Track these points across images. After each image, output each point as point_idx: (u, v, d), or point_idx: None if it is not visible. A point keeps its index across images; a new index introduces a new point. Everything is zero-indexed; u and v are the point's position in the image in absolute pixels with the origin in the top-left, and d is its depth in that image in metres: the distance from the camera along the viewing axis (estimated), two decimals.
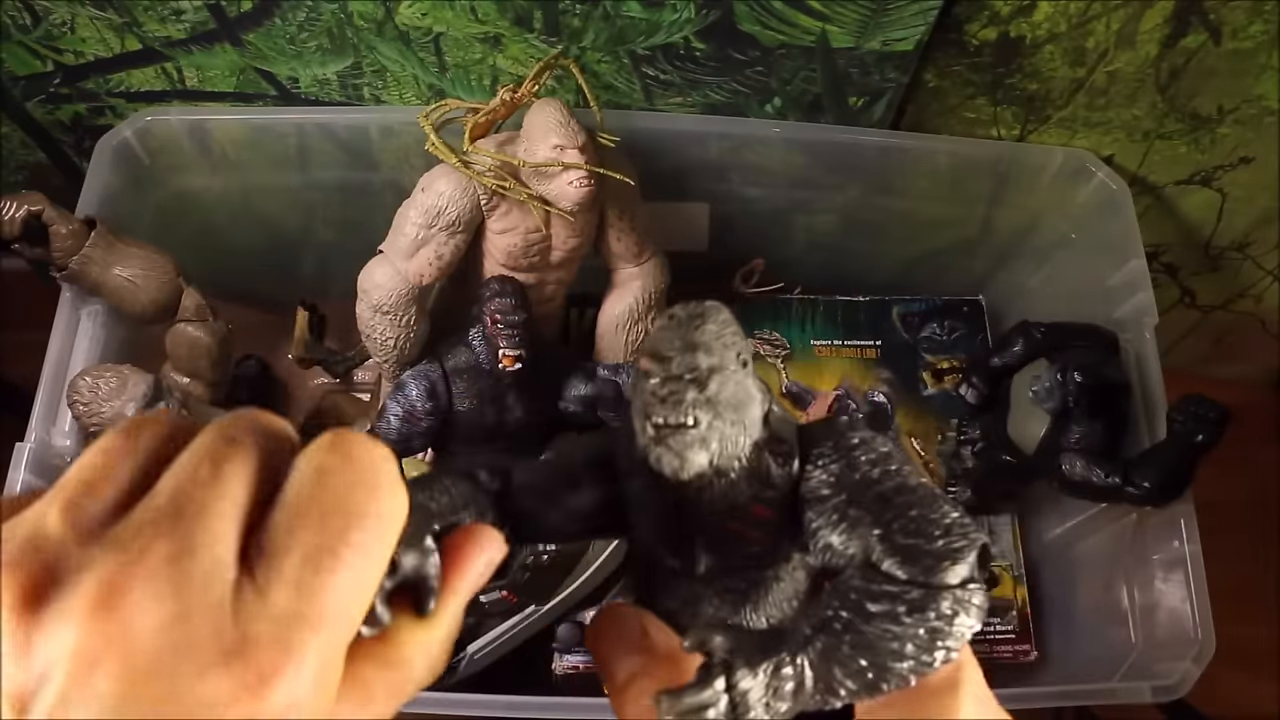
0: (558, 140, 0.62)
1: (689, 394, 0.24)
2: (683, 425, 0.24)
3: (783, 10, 0.64)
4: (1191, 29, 0.66)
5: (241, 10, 0.66)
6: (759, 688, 0.22)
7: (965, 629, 0.23)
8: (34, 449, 0.61)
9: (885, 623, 0.22)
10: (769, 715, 0.22)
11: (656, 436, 0.24)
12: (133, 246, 0.66)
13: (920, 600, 0.23)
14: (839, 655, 0.22)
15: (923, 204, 0.80)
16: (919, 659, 0.23)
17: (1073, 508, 0.77)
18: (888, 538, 0.24)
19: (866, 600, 0.23)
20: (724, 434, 0.24)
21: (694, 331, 0.24)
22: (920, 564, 0.23)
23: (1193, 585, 0.64)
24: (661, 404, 0.24)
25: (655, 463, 0.25)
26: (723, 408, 0.24)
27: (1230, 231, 0.84)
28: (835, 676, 0.22)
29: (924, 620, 0.23)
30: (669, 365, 0.24)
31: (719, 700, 0.22)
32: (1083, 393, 0.67)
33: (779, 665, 0.22)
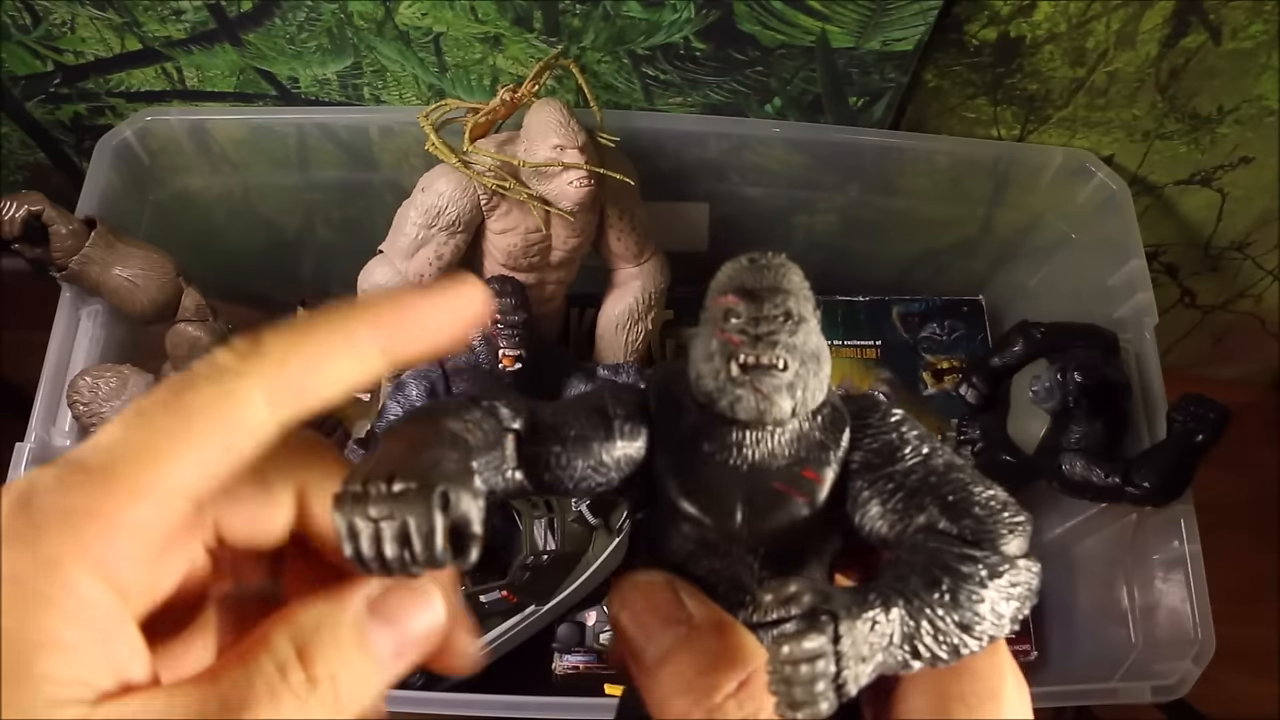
0: (558, 140, 0.62)
1: (782, 335, 0.23)
2: (773, 366, 0.23)
3: (783, 10, 0.64)
4: (1191, 29, 0.66)
5: (241, 10, 0.66)
6: (860, 641, 0.21)
7: (1031, 599, 0.23)
8: (34, 449, 0.61)
9: (972, 584, 0.22)
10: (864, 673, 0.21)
11: (740, 377, 0.23)
12: (133, 246, 0.66)
13: (998, 565, 0.22)
14: (929, 613, 0.22)
15: (923, 204, 0.80)
16: (997, 623, 0.22)
17: (1073, 508, 0.77)
18: (952, 507, 0.23)
19: (953, 561, 0.23)
20: (807, 384, 0.24)
21: (782, 277, 0.24)
22: (991, 533, 0.23)
23: (1193, 585, 0.64)
24: (754, 343, 0.23)
25: (730, 406, 0.23)
26: (808, 358, 0.24)
27: (1230, 231, 0.84)
28: (923, 635, 0.22)
29: (1003, 586, 0.22)
30: (760, 304, 0.23)
31: (827, 653, 0.21)
32: (1083, 393, 0.67)
33: (875, 619, 0.21)
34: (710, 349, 0.24)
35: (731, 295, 0.24)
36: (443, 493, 0.21)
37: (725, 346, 0.23)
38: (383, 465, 0.22)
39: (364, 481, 0.21)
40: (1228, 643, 0.62)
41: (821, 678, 0.21)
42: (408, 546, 0.21)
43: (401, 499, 0.21)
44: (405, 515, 0.21)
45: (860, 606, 0.22)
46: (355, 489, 0.21)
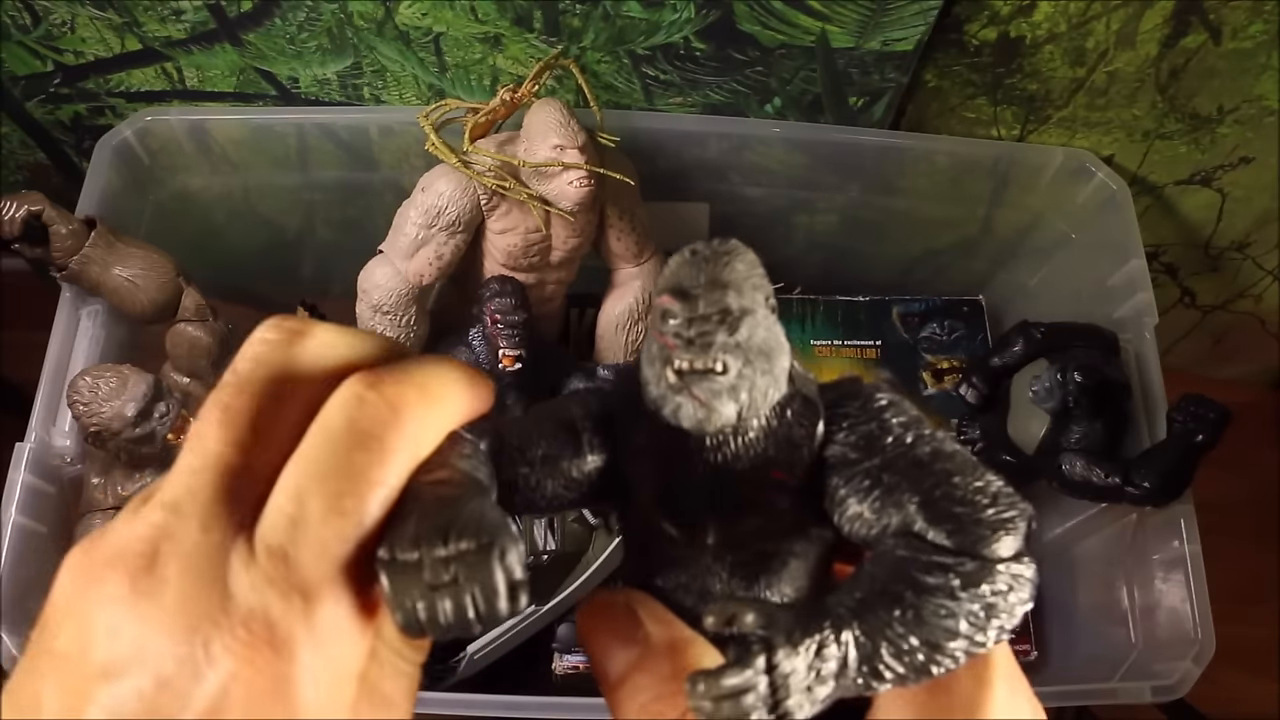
0: (558, 140, 0.62)
1: (719, 336, 0.21)
2: (711, 371, 0.21)
3: (783, 10, 0.64)
4: (1191, 29, 0.66)
5: (241, 10, 0.66)
6: (802, 669, 0.20)
7: (1020, 606, 0.21)
8: (34, 449, 0.61)
9: (940, 597, 0.20)
10: (809, 701, 0.20)
11: (679, 384, 0.21)
12: (133, 246, 0.66)
13: (975, 574, 0.20)
14: (889, 633, 0.20)
15: (923, 204, 0.80)
16: (973, 638, 0.20)
17: (1073, 508, 0.77)
18: (931, 505, 0.21)
19: (918, 572, 0.21)
20: (754, 384, 0.22)
21: (722, 269, 0.22)
22: (971, 534, 0.21)
23: (1193, 585, 0.64)
24: (687, 346, 0.21)
25: (672, 414, 0.22)
26: (753, 355, 0.22)
27: (1230, 231, 0.84)
28: (882, 657, 0.20)
29: (979, 596, 0.20)
30: (695, 304, 0.21)
31: (759, 683, 0.19)
32: (1083, 393, 0.67)
33: (822, 643, 0.20)
34: (651, 353, 0.22)
35: (665, 297, 0.22)
36: (500, 550, 0.20)
37: (663, 351, 0.22)
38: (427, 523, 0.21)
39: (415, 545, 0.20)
40: (1228, 643, 0.62)
41: (752, 710, 0.19)
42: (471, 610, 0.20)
43: (462, 562, 0.20)
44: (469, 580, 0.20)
45: (804, 632, 0.20)
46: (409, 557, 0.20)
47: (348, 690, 0.21)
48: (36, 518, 0.61)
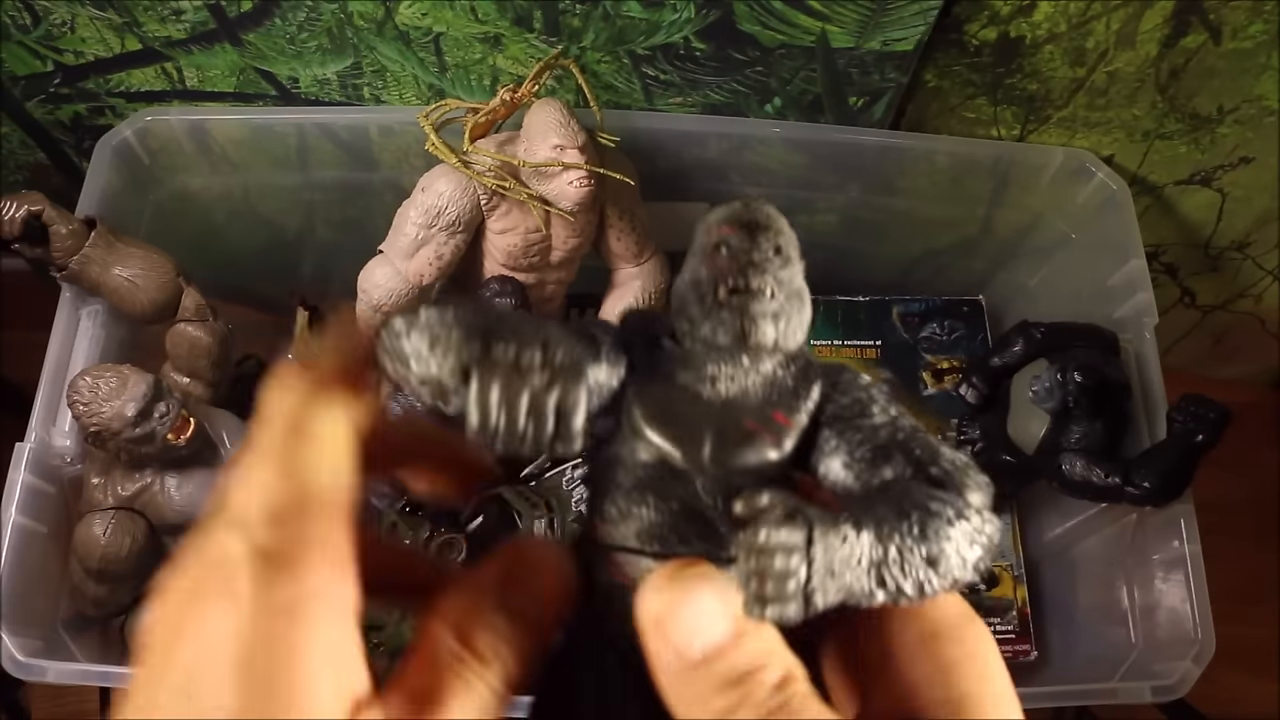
0: (558, 140, 0.62)
1: (774, 265, 0.24)
2: (762, 291, 0.23)
3: (783, 10, 0.64)
4: (1191, 29, 0.66)
5: (241, 10, 0.66)
6: (833, 550, 0.21)
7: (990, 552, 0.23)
8: (34, 449, 0.61)
9: (941, 521, 0.22)
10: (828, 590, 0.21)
11: (727, 301, 0.23)
12: (133, 246, 0.66)
13: (964, 510, 0.23)
14: (899, 543, 0.22)
15: (923, 204, 0.80)
16: (962, 565, 0.22)
17: (1073, 508, 0.77)
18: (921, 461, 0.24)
19: (923, 498, 0.23)
20: (791, 318, 0.24)
21: (777, 218, 0.24)
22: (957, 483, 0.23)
23: (1193, 585, 0.64)
24: (743, 269, 0.23)
25: (713, 329, 0.24)
26: (794, 295, 0.24)
27: (1230, 231, 0.84)
28: (890, 563, 0.22)
29: (967, 530, 0.23)
30: (755, 236, 0.24)
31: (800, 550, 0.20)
32: (1083, 393, 0.67)
33: (846, 536, 0.21)
34: (699, 275, 0.24)
35: (724, 226, 0.24)
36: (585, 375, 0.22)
37: (715, 273, 0.24)
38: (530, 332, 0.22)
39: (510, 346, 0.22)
40: (1228, 643, 0.63)
41: (793, 576, 0.20)
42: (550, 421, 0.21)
43: (560, 370, 0.22)
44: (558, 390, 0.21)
45: (834, 520, 0.21)
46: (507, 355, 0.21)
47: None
48: (36, 518, 0.61)
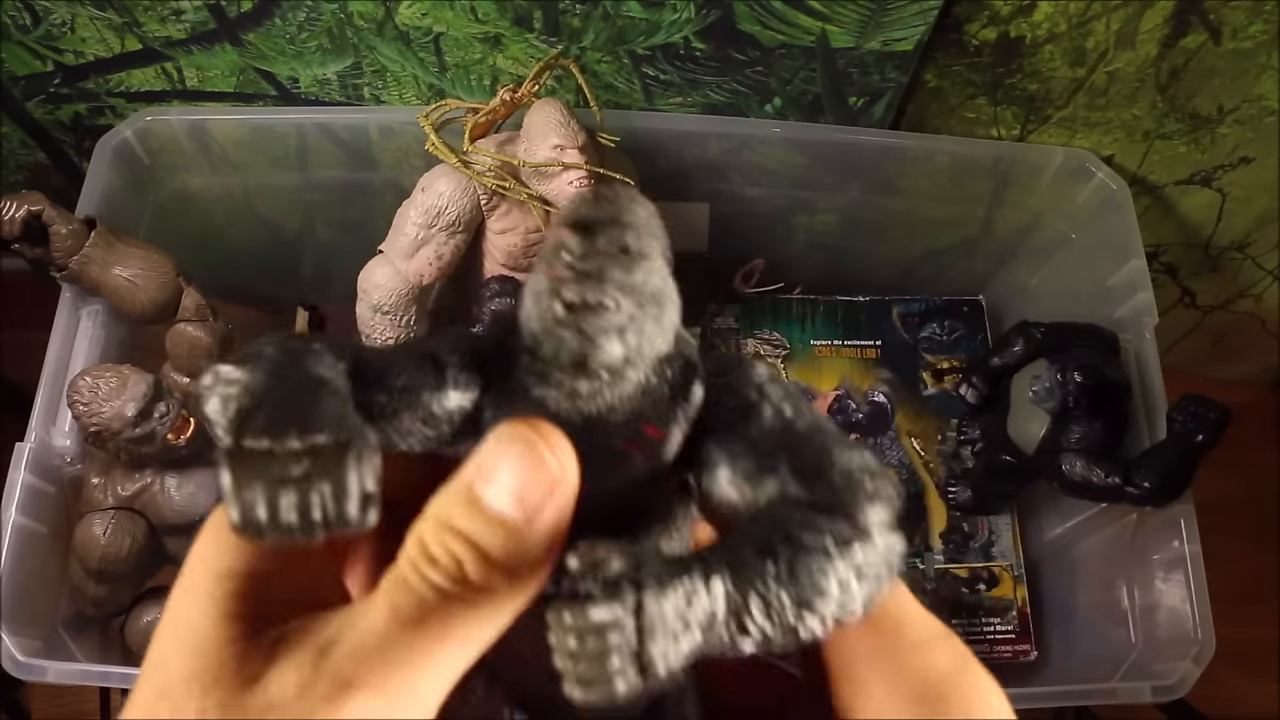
0: (558, 140, 0.62)
1: (615, 273, 0.20)
2: (602, 305, 0.20)
3: (783, 10, 0.64)
4: (1191, 29, 0.66)
5: (241, 10, 0.66)
6: (671, 614, 0.19)
7: (889, 576, 0.21)
8: (34, 449, 0.61)
9: (815, 556, 0.20)
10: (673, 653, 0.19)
11: (566, 318, 0.20)
12: (133, 246, 0.66)
13: (850, 537, 0.20)
14: (760, 587, 0.19)
15: (923, 204, 0.80)
16: (843, 602, 0.20)
17: (1073, 508, 0.77)
18: (808, 472, 0.21)
19: (794, 529, 0.20)
20: (644, 329, 0.21)
21: (624, 209, 0.21)
22: (848, 501, 0.21)
23: (1193, 585, 0.64)
24: (580, 280, 0.20)
25: (553, 350, 0.21)
26: (646, 300, 0.21)
27: (1230, 231, 0.84)
28: (752, 612, 0.19)
29: (852, 558, 0.20)
30: (594, 238, 0.20)
31: (626, 623, 0.18)
32: (1083, 393, 0.67)
33: (692, 591, 0.19)
34: (538, 286, 0.21)
35: (562, 229, 0.21)
36: (357, 452, 0.19)
37: (552, 284, 0.21)
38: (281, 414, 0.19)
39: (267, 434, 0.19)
40: (1228, 643, 0.63)
41: (614, 653, 0.18)
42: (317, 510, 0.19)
43: (317, 456, 0.19)
44: (321, 477, 0.19)
45: (675, 576, 0.19)
46: (258, 445, 0.19)
47: None
48: (36, 518, 0.61)
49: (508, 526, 0.19)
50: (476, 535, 0.19)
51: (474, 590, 0.19)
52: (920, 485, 0.82)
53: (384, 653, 0.19)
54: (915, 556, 0.80)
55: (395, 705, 0.19)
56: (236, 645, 0.19)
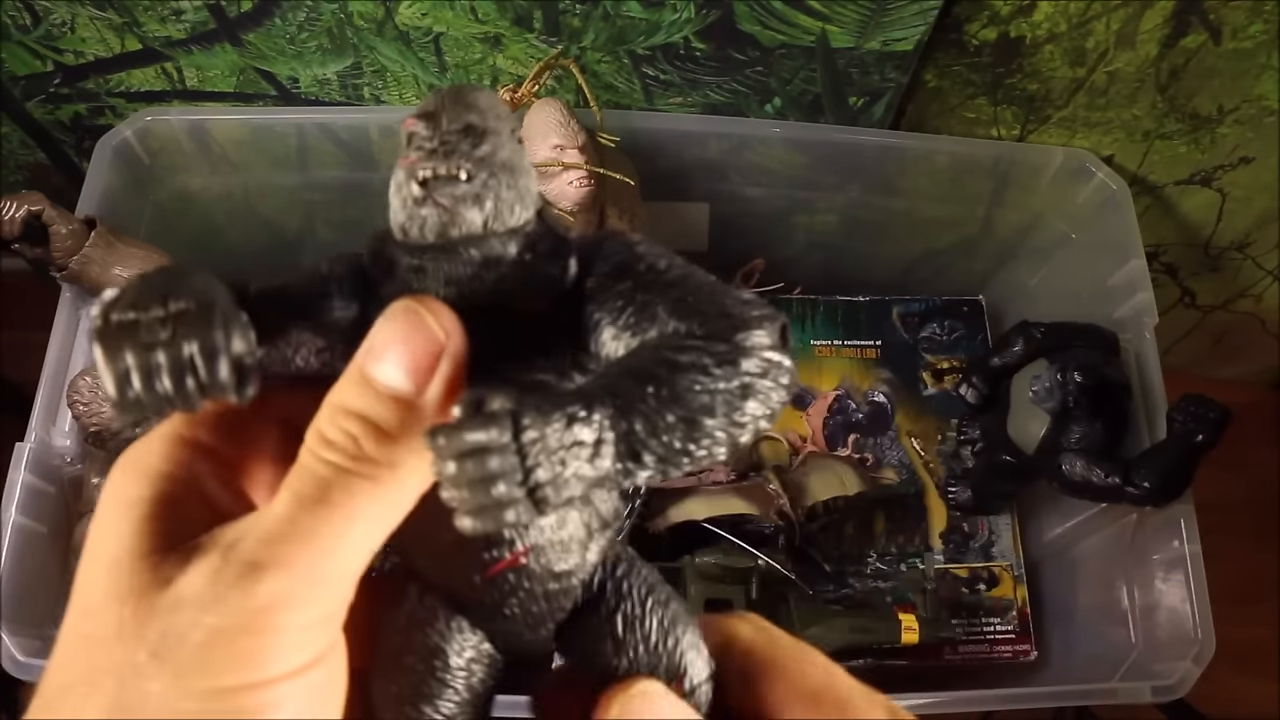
0: (558, 140, 0.62)
1: (462, 145, 0.22)
2: (454, 177, 0.21)
3: (783, 10, 0.64)
4: (1191, 29, 0.66)
5: (241, 10, 0.66)
6: (552, 438, 0.19)
7: (777, 392, 0.21)
8: (34, 449, 0.61)
9: (693, 374, 0.20)
10: (565, 480, 0.19)
11: (422, 195, 0.22)
12: (133, 246, 0.66)
13: (728, 353, 0.20)
14: (643, 408, 0.19)
15: (923, 204, 0.80)
16: (731, 416, 0.20)
17: (1073, 508, 0.77)
18: (685, 307, 0.21)
19: (671, 352, 0.20)
20: (499, 194, 0.22)
21: (466, 95, 0.22)
22: (724, 324, 0.21)
23: (1193, 585, 0.64)
24: (430, 156, 0.22)
25: (419, 228, 0.22)
26: (498, 168, 0.22)
27: (1230, 231, 0.84)
28: (639, 434, 0.19)
29: (734, 373, 0.20)
30: (439, 120, 0.22)
31: (506, 445, 0.18)
32: (1083, 393, 0.67)
33: (573, 417, 0.19)
34: (397, 179, 0.22)
35: (409, 120, 0.22)
36: (223, 313, 0.20)
37: (408, 170, 0.22)
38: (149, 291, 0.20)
39: (132, 307, 0.20)
40: (1228, 643, 0.63)
41: (499, 478, 0.18)
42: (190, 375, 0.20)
43: (182, 320, 0.20)
44: (187, 338, 0.20)
45: (554, 405, 0.19)
46: (124, 316, 0.20)
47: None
48: (36, 518, 0.61)
49: (399, 398, 0.20)
50: (369, 411, 0.20)
51: (373, 465, 0.20)
52: (920, 485, 0.82)
53: (288, 535, 0.19)
54: (915, 556, 0.80)
55: (304, 583, 0.19)
56: (151, 559, 0.20)
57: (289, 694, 0.19)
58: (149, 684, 0.18)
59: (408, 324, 0.21)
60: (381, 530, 0.20)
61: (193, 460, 0.22)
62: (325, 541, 0.19)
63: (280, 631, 0.19)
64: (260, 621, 0.19)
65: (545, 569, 0.23)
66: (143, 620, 0.19)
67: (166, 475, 0.21)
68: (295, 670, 0.19)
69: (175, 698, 0.18)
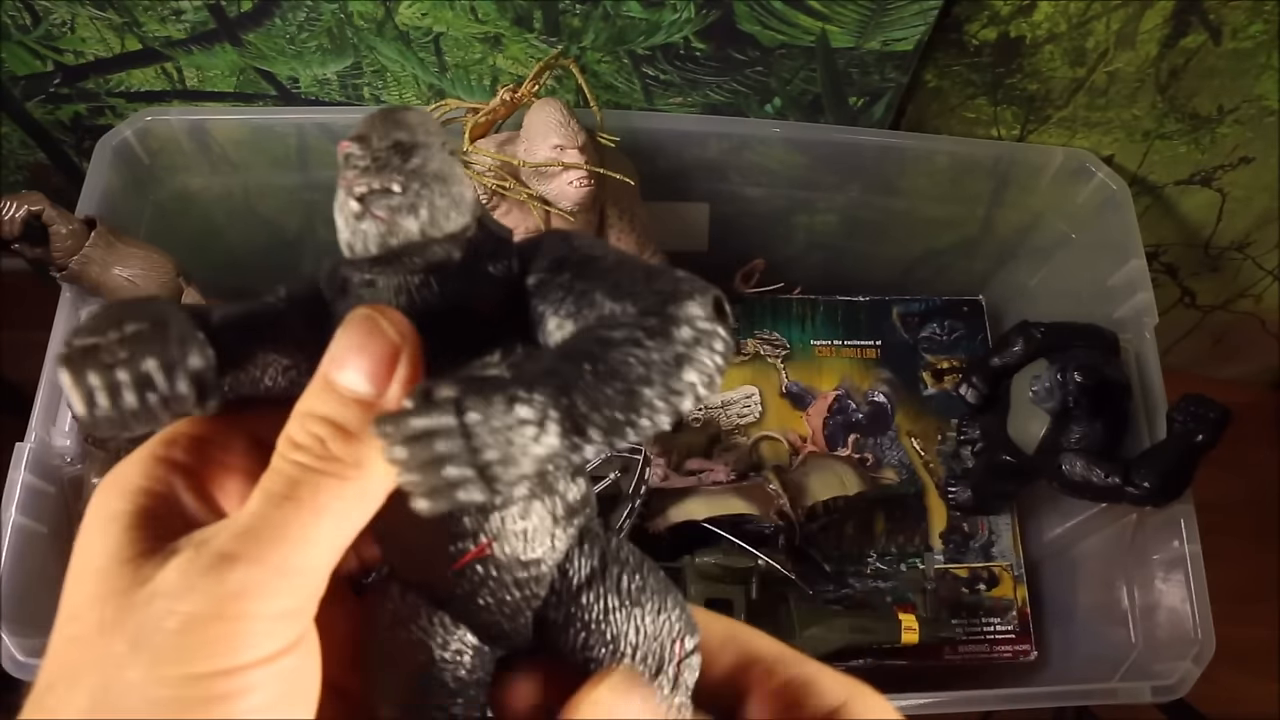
0: (558, 140, 0.62)
1: (394, 160, 0.23)
2: (388, 190, 0.23)
3: (783, 10, 0.64)
4: (1191, 29, 0.66)
5: (241, 10, 0.66)
6: (496, 419, 0.19)
7: (713, 359, 0.21)
8: (34, 449, 0.61)
9: (627, 347, 0.21)
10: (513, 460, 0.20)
11: (360, 210, 0.23)
12: (133, 246, 0.66)
13: (660, 326, 0.21)
14: (582, 384, 0.20)
15: (923, 204, 0.80)
16: (668, 384, 0.21)
17: (1073, 508, 0.77)
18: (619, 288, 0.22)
19: (605, 330, 0.21)
20: (433, 202, 0.23)
21: (396, 114, 0.24)
22: (655, 300, 0.22)
23: (1193, 585, 0.64)
24: (363, 173, 0.23)
25: (362, 243, 0.23)
26: (430, 179, 0.23)
27: (1230, 231, 0.84)
28: (580, 409, 0.20)
29: (667, 344, 0.21)
30: (370, 141, 0.24)
31: (450, 430, 0.19)
32: (1083, 393, 0.67)
33: (514, 398, 0.20)
34: (338, 200, 0.24)
35: (344, 143, 0.24)
36: (178, 330, 0.21)
37: (346, 189, 0.24)
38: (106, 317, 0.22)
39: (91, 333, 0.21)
40: (1228, 643, 0.63)
41: (448, 461, 0.19)
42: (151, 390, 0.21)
43: (138, 339, 0.21)
44: (145, 355, 0.21)
45: (494, 388, 0.20)
46: (83, 343, 0.21)
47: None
48: (36, 518, 0.61)
49: (361, 400, 0.21)
50: (334, 414, 0.21)
51: (339, 464, 0.21)
52: (920, 485, 0.82)
53: (258, 529, 0.20)
54: (915, 556, 0.80)
55: (274, 574, 0.20)
56: (130, 563, 0.21)
57: (260, 680, 0.20)
58: (128, 673, 0.19)
59: (364, 331, 0.22)
60: (348, 525, 0.21)
61: (169, 477, 0.23)
62: (294, 534, 0.20)
63: (251, 619, 0.20)
64: (231, 609, 0.20)
65: (512, 558, 0.24)
66: (121, 616, 0.20)
67: (144, 490, 0.22)
68: (266, 658, 0.20)
69: (153, 685, 0.19)
